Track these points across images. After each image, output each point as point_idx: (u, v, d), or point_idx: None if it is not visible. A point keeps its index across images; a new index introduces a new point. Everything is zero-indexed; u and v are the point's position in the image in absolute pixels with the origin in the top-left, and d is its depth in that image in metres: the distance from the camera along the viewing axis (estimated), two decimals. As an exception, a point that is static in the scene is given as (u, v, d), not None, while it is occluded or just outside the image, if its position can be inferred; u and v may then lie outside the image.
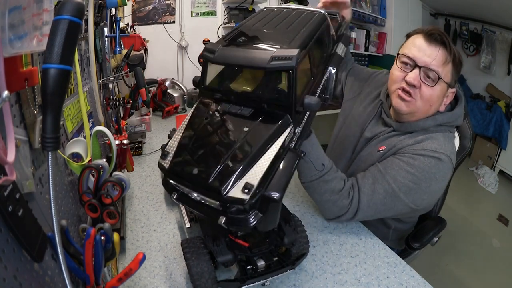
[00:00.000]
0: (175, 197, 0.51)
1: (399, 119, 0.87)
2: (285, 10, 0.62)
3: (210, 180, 0.43)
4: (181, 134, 0.52)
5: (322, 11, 0.61)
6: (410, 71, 0.78)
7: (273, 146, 0.46)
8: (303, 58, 0.48)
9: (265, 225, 0.51)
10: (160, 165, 0.50)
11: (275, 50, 0.47)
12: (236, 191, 0.43)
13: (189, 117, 0.54)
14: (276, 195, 0.44)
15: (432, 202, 0.84)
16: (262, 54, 0.47)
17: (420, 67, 0.76)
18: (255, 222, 0.45)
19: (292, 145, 0.51)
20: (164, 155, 0.50)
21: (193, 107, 0.55)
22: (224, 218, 0.45)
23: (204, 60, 0.54)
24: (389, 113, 0.89)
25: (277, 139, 0.47)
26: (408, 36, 0.84)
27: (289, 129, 0.48)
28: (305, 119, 0.55)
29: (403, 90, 0.79)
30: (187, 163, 0.47)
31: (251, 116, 0.49)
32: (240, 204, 0.43)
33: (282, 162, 0.47)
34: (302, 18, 0.58)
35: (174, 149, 0.50)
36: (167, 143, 0.52)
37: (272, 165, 0.45)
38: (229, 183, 0.43)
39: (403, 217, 0.95)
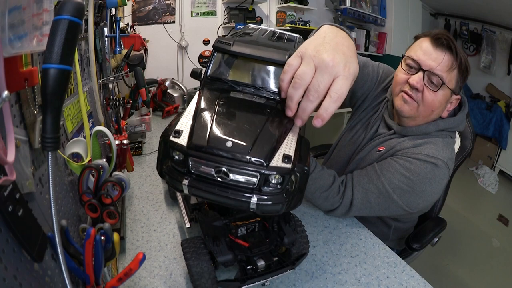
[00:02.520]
0: (187, 183, 0.45)
1: (400, 122, 0.87)
2: (268, 31, 0.68)
3: (250, 151, 0.44)
4: (192, 114, 0.50)
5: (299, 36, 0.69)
6: (414, 74, 0.77)
7: (295, 126, 0.51)
8: None
9: (293, 203, 0.49)
10: (171, 142, 0.45)
11: (288, 51, 0.55)
12: (277, 162, 0.45)
13: (197, 100, 0.53)
14: (306, 168, 0.47)
15: (427, 205, 0.84)
16: (279, 52, 0.55)
17: (424, 71, 0.76)
18: (286, 200, 0.45)
19: None
20: (176, 133, 0.46)
21: (197, 93, 0.56)
22: (256, 198, 0.44)
23: (217, 50, 0.58)
24: (391, 113, 0.90)
25: None
26: (416, 38, 0.83)
27: None
28: None
29: (407, 94, 0.79)
30: (216, 137, 0.45)
31: (267, 103, 0.54)
32: (284, 173, 0.44)
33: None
34: (288, 36, 0.67)
35: (189, 127, 0.48)
36: (176, 122, 0.49)
37: (299, 140, 0.49)
38: (269, 154, 0.45)
39: (401, 217, 0.95)
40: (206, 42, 2.43)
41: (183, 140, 0.45)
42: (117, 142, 0.79)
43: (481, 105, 3.30)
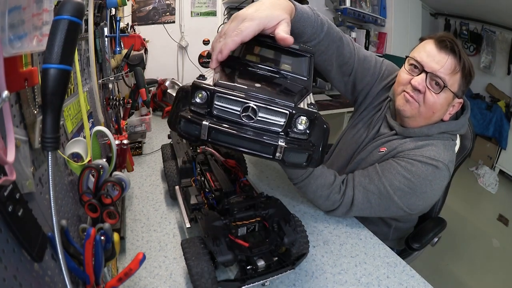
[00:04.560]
0: (208, 123, 0.42)
1: (402, 122, 0.87)
2: None
3: (278, 94, 0.45)
4: (213, 72, 0.51)
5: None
6: (417, 75, 0.78)
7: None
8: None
9: (316, 158, 0.48)
10: (196, 83, 0.44)
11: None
12: (303, 105, 0.45)
13: (214, 70, 0.54)
14: (327, 125, 0.49)
15: (427, 206, 0.84)
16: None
17: (427, 73, 0.77)
18: (312, 149, 0.45)
19: None
20: (201, 76, 0.46)
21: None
22: (284, 142, 0.42)
23: None
24: (393, 113, 0.90)
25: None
26: (421, 40, 0.84)
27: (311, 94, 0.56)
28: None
29: (408, 94, 0.80)
30: (244, 79, 0.46)
31: (282, 76, 0.56)
32: (311, 116, 0.44)
33: None
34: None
35: (216, 74, 0.48)
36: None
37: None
38: (296, 99, 0.45)
39: (401, 218, 0.95)
40: (206, 42, 2.42)
41: (209, 81, 0.45)
42: (117, 142, 0.79)
43: (481, 105, 3.30)
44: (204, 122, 0.42)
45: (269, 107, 0.43)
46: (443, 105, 0.79)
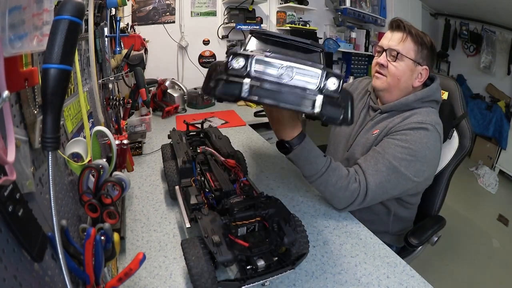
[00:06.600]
0: (249, 82, 0.47)
1: (381, 99, 1.01)
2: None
3: (308, 59, 0.51)
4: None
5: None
6: (381, 55, 0.96)
7: None
8: None
9: (347, 115, 0.53)
10: (233, 51, 0.49)
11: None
12: (332, 69, 0.51)
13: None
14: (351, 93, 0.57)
15: (431, 173, 0.93)
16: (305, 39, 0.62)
17: (385, 50, 0.95)
18: (344, 105, 0.50)
19: None
20: (232, 46, 0.54)
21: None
22: (322, 97, 0.47)
23: (253, 32, 0.62)
24: (376, 100, 1.05)
25: None
26: None
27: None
28: None
29: (377, 71, 0.98)
30: (277, 48, 0.53)
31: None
32: (339, 76, 0.49)
33: None
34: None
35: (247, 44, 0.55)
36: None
37: None
38: (323, 66, 0.50)
39: (405, 198, 0.96)
40: (206, 42, 2.42)
41: (244, 50, 0.50)
42: (117, 142, 0.79)
43: (481, 105, 3.30)
44: (245, 80, 0.47)
45: (303, 67, 0.48)
46: (405, 71, 0.93)
